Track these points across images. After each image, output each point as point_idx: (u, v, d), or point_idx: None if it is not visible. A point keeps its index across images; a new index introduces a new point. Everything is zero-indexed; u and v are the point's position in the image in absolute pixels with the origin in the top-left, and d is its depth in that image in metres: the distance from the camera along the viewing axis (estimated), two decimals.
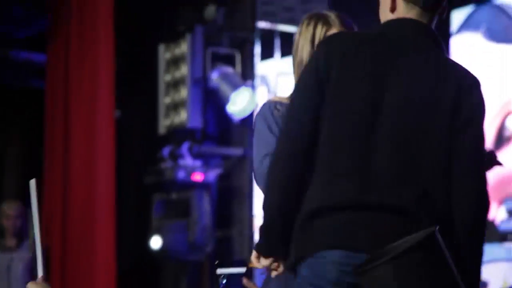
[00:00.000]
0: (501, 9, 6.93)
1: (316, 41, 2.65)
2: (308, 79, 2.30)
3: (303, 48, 2.69)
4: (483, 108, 2.33)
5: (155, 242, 6.37)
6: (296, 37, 2.72)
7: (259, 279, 6.84)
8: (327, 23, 2.67)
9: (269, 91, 7.17)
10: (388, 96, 2.25)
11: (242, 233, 6.57)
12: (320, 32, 2.66)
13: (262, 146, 2.67)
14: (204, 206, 6.30)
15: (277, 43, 6.72)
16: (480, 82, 2.37)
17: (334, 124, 2.26)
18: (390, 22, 2.34)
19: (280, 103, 2.74)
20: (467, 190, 2.26)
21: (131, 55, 6.76)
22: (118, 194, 6.05)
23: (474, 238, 2.29)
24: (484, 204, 2.29)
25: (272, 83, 6.87)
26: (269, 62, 6.81)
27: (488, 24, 7.08)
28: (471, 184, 2.27)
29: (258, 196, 6.55)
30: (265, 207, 2.32)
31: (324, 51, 2.30)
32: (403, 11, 2.34)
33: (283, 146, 2.31)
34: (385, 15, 2.38)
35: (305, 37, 2.69)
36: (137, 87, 6.90)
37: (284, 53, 6.76)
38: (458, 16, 7.40)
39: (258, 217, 6.61)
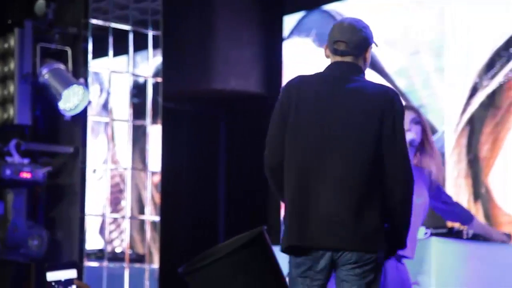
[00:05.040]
0: (329, 15, 7.16)
1: None
2: (276, 115, 3.33)
3: None
4: (403, 114, 3.27)
5: None
6: None
7: (88, 279, 6.70)
8: None
9: (102, 89, 7.08)
10: (330, 115, 3.24)
11: (72, 234, 6.45)
12: None
13: None
14: (18, 205, 6.15)
15: (110, 40, 6.64)
16: (397, 93, 3.32)
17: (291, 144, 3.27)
18: (328, 65, 3.37)
19: None
20: (398, 178, 3.23)
21: None
22: None
23: (404, 208, 3.26)
24: (410, 187, 3.25)
25: (106, 81, 6.80)
26: (102, 59, 6.72)
27: (317, 30, 7.29)
28: (400, 175, 3.23)
29: (90, 195, 6.46)
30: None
31: (286, 93, 3.32)
32: (333, 57, 3.37)
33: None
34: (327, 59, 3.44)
35: None
36: None
37: (117, 51, 6.69)
38: (289, 22, 7.58)
39: (90, 217, 6.51)
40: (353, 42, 3.29)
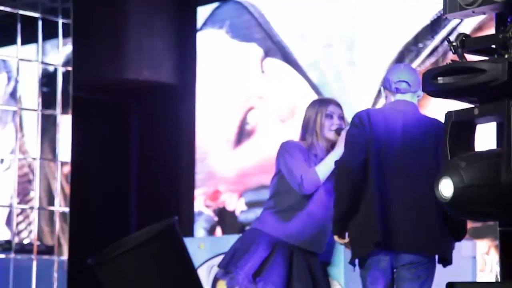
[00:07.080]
0: (243, 6, 7.17)
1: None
2: (355, 134, 3.95)
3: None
4: None
5: None
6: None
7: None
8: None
9: (9, 77, 6.93)
10: (399, 141, 3.94)
11: None
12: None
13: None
14: None
15: (19, 28, 6.50)
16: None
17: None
18: (393, 102, 4.06)
19: None
20: None
21: None
22: None
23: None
24: None
25: (14, 69, 6.65)
26: (10, 47, 6.58)
27: (231, 21, 7.30)
28: None
29: None
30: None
31: (358, 120, 3.94)
32: (393, 96, 4.07)
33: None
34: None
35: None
36: None
37: (25, 39, 6.55)
38: (203, 12, 7.56)
39: None
40: (412, 81, 4.03)
